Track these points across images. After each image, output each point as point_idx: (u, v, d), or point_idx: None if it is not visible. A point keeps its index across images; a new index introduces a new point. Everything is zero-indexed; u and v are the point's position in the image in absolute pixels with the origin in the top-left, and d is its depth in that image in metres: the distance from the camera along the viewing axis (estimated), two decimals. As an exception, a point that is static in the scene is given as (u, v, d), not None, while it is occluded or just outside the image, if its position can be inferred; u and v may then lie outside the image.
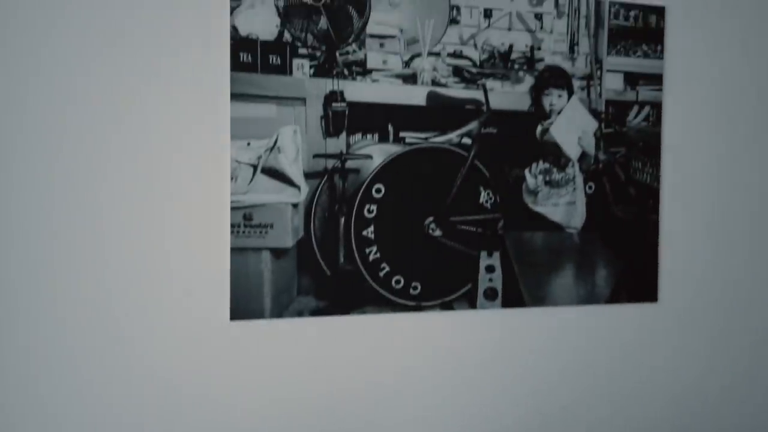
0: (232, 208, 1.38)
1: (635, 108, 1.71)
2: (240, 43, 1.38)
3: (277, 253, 1.42)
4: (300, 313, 1.44)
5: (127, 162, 1.32)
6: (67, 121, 1.29)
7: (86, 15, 1.29)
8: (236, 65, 1.38)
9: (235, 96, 1.38)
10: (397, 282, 1.51)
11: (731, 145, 1.80)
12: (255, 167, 1.39)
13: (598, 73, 1.68)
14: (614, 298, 1.70)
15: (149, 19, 1.33)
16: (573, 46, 1.65)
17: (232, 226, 1.39)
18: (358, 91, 1.47)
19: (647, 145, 1.73)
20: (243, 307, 1.40)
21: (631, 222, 1.71)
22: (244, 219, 1.39)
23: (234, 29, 1.38)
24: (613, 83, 1.69)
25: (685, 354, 1.77)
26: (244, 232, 1.39)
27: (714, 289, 1.80)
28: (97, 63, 1.30)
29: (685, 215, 1.77)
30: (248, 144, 1.39)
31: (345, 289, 1.47)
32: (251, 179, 1.39)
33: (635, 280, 1.72)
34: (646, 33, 1.71)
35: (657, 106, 1.73)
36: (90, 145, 1.30)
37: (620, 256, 1.70)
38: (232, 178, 1.38)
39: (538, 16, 1.62)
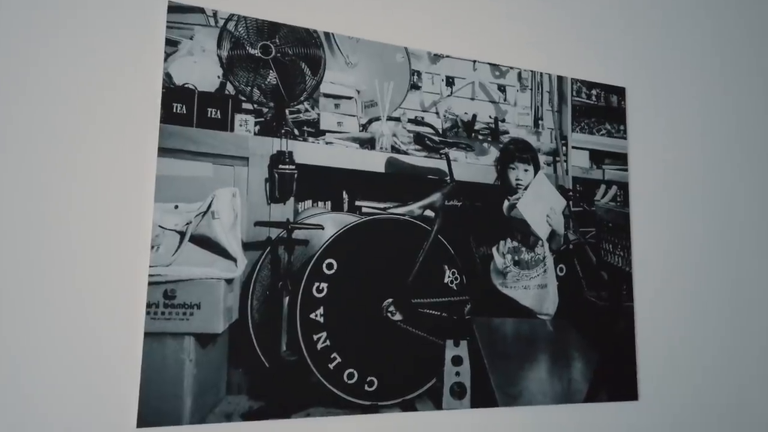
0: (150, 283, 1.13)
1: (602, 187, 1.62)
2: (174, 93, 1.20)
3: (204, 339, 1.16)
4: (228, 417, 1.16)
5: (25, 220, 1.07)
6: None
7: (-13, 49, 1.09)
8: (168, 117, 1.19)
9: (164, 151, 1.18)
10: (350, 376, 1.26)
11: (701, 226, 1.72)
12: (182, 234, 1.16)
13: (564, 149, 1.59)
14: (592, 395, 1.50)
15: (71, 54, 1.13)
16: (537, 120, 1.57)
17: (149, 305, 1.13)
18: (309, 153, 1.30)
19: (616, 226, 1.62)
20: (155, 411, 1.10)
21: (606, 309, 1.56)
22: (165, 297, 1.13)
23: (168, 77, 1.20)
24: (579, 160, 1.60)
25: (674, 461, 1.57)
26: (163, 313, 1.13)
27: (697, 385, 1.64)
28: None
29: (660, 303, 1.63)
30: (176, 207, 1.17)
31: (286, 386, 1.21)
32: (177, 249, 1.15)
33: (613, 374, 1.53)
34: (608, 112, 1.66)
35: (624, 187, 1.65)
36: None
37: (597, 347, 1.52)
38: (152, 247, 1.14)
39: (502, 88, 1.54)
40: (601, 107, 1.66)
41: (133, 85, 1.17)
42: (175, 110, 1.20)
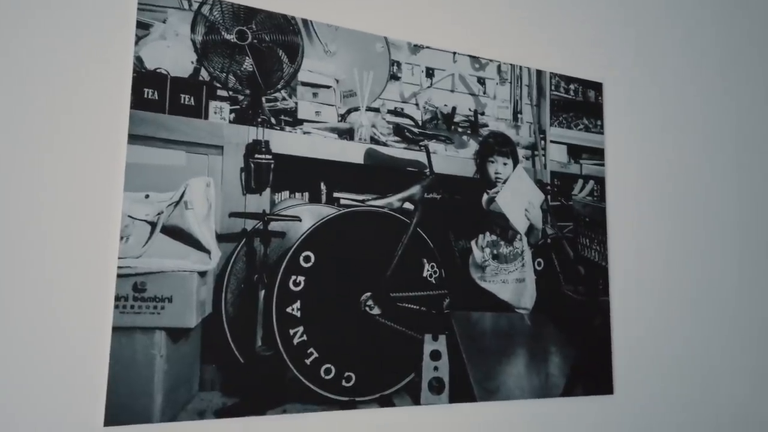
0: (119, 276, 1.08)
1: (580, 182, 1.62)
2: (145, 78, 1.15)
3: (176, 334, 1.11)
4: (201, 415, 1.12)
5: (-21, 212, 1.01)
6: None
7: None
8: (139, 102, 1.14)
9: (135, 138, 1.13)
10: (327, 371, 1.24)
11: (676, 222, 1.74)
12: (153, 225, 1.12)
13: (542, 143, 1.58)
14: (569, 389, 1.50)
15: (38, 35, 1.08)
16: (516, 114, 1.56)
17: (118, 298, 1.08)
18: (286, 142, 1.27)
19: (593, 221, 1.63)
20: (124, 408, 1.06)
21: (583, 304, 1.56)
22: (135, 290, 1.09)
23: (138, 61, 1.15)
24: (557, 155, 1.60)
25: (648, 453, 1.58)
26: (132, 306, 1.08)
27: (671, 379, 1.65)
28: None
29: (636, 298, 1.64)
30: (146, 196, 1.12)
31: (262, 382, 1.17)
32: (147, 240, 1.11)
33: (590, 369, 1.54)
34: (586, 107, 1.67)
35: (600, 181, 1.65)
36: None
37: (573, 341, 1.52)
38: (121, 238, 1.09)
39: (481, 81, 1.53)
40: (579, 102, 1.66)
41: (102, 68, 1.12)
42: (146, 96, 1.15)
